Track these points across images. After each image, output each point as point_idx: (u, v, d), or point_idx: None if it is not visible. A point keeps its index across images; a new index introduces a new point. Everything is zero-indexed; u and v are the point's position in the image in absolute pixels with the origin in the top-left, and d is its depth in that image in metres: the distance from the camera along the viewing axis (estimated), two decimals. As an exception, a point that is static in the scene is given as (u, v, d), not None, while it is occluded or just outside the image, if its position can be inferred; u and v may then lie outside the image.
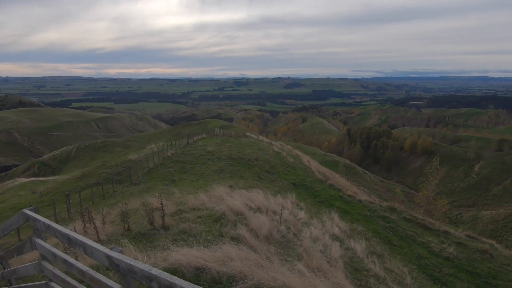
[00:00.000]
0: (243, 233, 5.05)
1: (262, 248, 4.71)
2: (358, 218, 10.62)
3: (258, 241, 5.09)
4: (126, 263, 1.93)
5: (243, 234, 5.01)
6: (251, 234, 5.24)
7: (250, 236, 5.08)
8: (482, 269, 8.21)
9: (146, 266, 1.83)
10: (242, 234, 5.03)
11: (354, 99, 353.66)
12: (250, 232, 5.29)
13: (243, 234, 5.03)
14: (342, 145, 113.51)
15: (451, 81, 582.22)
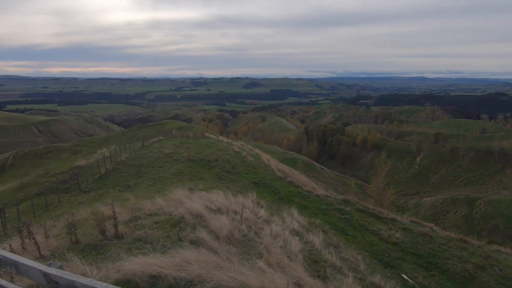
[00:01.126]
0: (203, 236, 4.96)
1: (223, 249, 4.67)
2: (316, 212, 11.09)
3: (219, 243, 5.04)
4: (66, 279, 1.76)
5: (202, 237, 4.91)
6: (211, 236, 5.17)
7: (210, 238, 5.01)
8: (424, 250, 9.12)
9: (89, 281, 1.69)
10: (202, 237, 4.94)
11: (310, 98, 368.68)
12: (210, 234, 5.21)
13: (203, 237, 4.94)
14: (300, 143, 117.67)
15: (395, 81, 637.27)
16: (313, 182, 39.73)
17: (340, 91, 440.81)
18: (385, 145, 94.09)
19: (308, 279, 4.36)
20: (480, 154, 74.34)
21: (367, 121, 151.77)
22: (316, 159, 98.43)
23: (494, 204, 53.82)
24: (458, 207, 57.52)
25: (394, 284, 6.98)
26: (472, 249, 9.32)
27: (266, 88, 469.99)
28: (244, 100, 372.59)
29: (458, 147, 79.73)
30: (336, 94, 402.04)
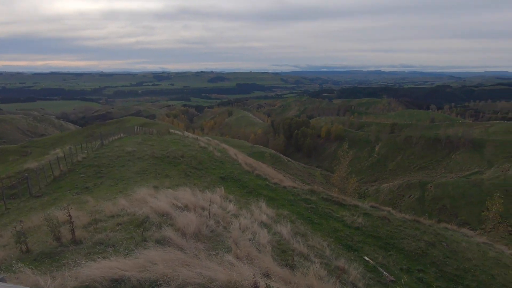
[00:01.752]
0: (169, 234, 4.83)
1: (190, 246, 4.60)
2: (284, 203, 11.35)
3: (186, 240, 4.95)
4: (11, 292, 1.60)
5: (169, 235, 4.78)
6: (178, 234, 5.05)
7: (176, 236, 4.89)
8: (382, 232, 9.80)
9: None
10: (168, 236, 4.80)
11: (276, 92, 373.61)
12: (176, 232, 5.09)
13: (169, 235, 4.81)
14: (267, 136, 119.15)
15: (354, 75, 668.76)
16: (281, 174, 40.58)
17: (304, 85, 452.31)
18: (347, 136, 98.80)
19: (276, 269, 4.46)
20: (430, 141, 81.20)
21: (330, 113, 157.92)
22: (283, 151, 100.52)
23: (442, 186, 59.29)
24: (412, 191, 62.53)
25: (357, 266, 7.41)
26: (424, 228, 10.21)
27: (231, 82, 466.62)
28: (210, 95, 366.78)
29: (411, 136, 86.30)
30: (300, 88, 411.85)
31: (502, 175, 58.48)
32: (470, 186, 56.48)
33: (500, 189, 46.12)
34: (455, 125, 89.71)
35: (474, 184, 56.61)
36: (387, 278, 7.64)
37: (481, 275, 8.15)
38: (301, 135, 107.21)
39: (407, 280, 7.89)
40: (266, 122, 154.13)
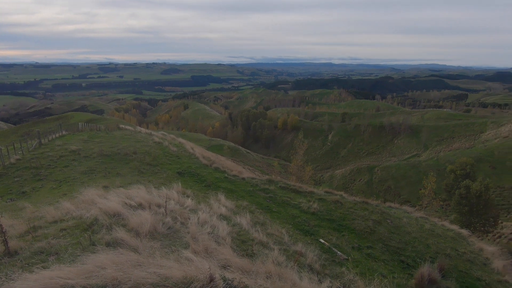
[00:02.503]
0: (121, 235, 4.55)
1: (145, 246, 4.40)
2: (243, 194, 11.44)
3: (140, 240, 4.72)
4: None
5: (121, 237, 4.51)
6: (131, 234, 4.79)
7: (129, 236, 4.64)
8: (336, 215, 10.46)
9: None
10: (120, 237, 4.53)
11: (232, 84, 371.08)
12: (129, 232, 4.82)
13: (121, 237, 4.54)
14: (225, 129, 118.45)
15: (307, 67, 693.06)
16: (240, 166, 40.79)
17: (260, 77, 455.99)
18: (302, 126, 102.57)
19: (236, 260, 4.49)
20: (376, 128, 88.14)
21: (286, 104, 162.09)
22: (241, 143, 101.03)
23: (386, 169, 65.02)
24: (362, 175, 67.61)
25: (314, 249, 7.81)
26: (371, 209, 11.13)
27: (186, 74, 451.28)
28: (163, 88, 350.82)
29: (360, 124, 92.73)
30: (256, 80, 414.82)
31: (435, 157, 66.03)
32: (409, 167, 62.82)
33: (434, 169, 52.13)
34: (396, 113, 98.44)
35: (413, 166, 63.07)
36: (340, 257, 8.20)
37: (419, 245, 9.18)
38: (259, 126, 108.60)
39: (358, 257, 8.56)
40: (224, 114, 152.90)
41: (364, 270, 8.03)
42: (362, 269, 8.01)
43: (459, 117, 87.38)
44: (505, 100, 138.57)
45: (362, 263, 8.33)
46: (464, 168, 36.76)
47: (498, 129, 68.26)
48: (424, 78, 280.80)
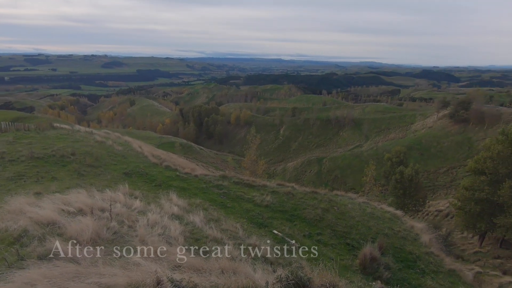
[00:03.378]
0: (57, 246, 4.11)
1: (86, 255, 4.04)
2: (196, 192, 11.21)
3: (81, 248, 4.32)
4: None
5: (56, 247, 4.07)
6: (69, 243, 4.35)
7: (67, 246, 4.21)
8: (288, 206, 10.87)
9: None
10: (56, 247, 4.08)
11: (182, 79, 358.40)
12: (67, 242, 4.38)
13: (57, 247, 4.09)
14: (177, 126, 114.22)
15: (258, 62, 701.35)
16: (193, 164, 39.83)
17: (211, 72, 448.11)
18: (255, 121, 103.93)
19: (189, 259, 4.39)
20: (323, 122, 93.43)
21: (238, 100, 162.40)
22: (194, 140, 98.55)
23: (334, 160, 69.50)
24: (312, 166, 71.29)
25: (267, 240, 8.03)
26: (320, 197, 11.82)
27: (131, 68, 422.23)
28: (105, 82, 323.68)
29: (309, 118, 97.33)
30: (207, 75, 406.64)
31: (375, 147, 72.54)
32: (353, 157, 68.03)
33: (374, 158, 57.25)
34: (341, 107, 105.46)
35: (356, 156, 68.43)
36: (293, 246, 8.57)
37: (362, 228, 10.05)
38: (212, 122, 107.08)
39: (309, 244, 9.04)
40: (175, 110, 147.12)
41: (315, 255, 8.54)
42: (312, 255, 8.50)
43: (394, 110, 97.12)
44: (429, 95, 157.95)
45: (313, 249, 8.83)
46: (398, 156, 41.06)
47: (424, 121, 77.57)
48: (364, 75, 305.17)
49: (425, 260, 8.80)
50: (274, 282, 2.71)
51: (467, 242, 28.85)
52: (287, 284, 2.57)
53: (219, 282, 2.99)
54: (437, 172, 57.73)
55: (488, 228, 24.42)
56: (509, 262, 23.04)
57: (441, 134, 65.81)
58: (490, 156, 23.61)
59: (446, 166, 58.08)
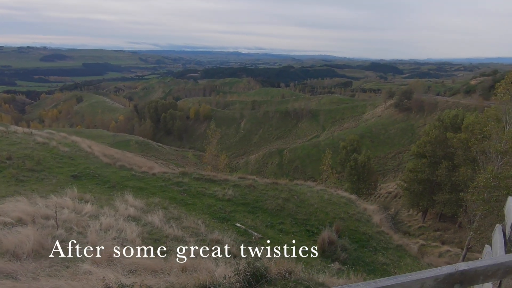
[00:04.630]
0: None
1: (27, 268, 3.66)
2: (154, 191, 10.77)
3: (21, 262, 3.89)
4: None
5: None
6: (5, 258, 3.90)
7: (4, 261, 3.77)
8: (250, 198, 10.99)
9: None
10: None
11: (135, 73, 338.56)
12: (3, 256, 3.92)
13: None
14: (132, 122, 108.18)
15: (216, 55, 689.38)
16: (152, 162, 38.15)
17: (166, 65, 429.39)
18: (215, 115, 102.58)
19: (146, 261, 4.21)
20: (282, 114, 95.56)
21: (196, 94, 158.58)
22: (152, 137, 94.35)
23: (294, 151, 71.70)
24: (273, 158, 72.80)
25: (230, 234, 8.03)
26: (281, 188, 12.13)
27: (76, 61, 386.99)
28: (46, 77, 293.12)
29: (268, 111, 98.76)
30: (163, 68, 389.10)
31: (331, 136, 76.28)
32: (312, 147, 70.83)
33: (331, 147, 60.28)
34: (299, 99, 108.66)
35: (314, 146, 71.34)
36: (256, 237, 8.71)
37: (320, 214, 10.57)
38: (170, 118, 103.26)
39: (271, 233, 9.26)
40: (129, 107, 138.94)
41: (277, 244, 8.78)
42: (275, 244, 8.73)
43: (347, 101, 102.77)
44: (378, 86, 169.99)
45: (275, 238, 9.07)
46: (352, 144, 43.73)
47: (374, 110, 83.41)
48: (319, 68, 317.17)
49: (377, 239, 9.57)
50: (231, 276, 2.71)
51: (413, 219, 32.06)
52: (245, 275, 2.60)
53: (176, 282, 2.91)
54: (386, 157, 62.79)
55: (429, 204, 27.32)
56: (446, 233, 26.15)
57: (388, 122, 71.44)
58: (429, 141, 26.30)
59: (394, 151, 63.41)
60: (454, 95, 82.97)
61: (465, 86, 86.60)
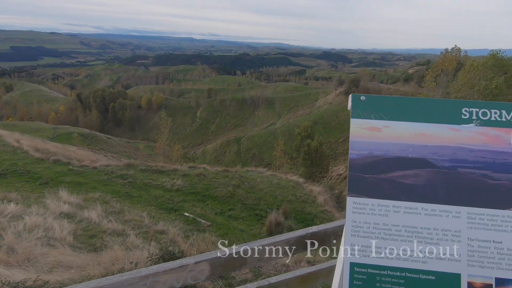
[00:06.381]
0: None
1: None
2: (95, 185, 10.10)
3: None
4: None
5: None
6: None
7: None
8: (200, 187, 10.90)
9: None
10: None
11: (77, 59, 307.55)
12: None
13: None
14: (75, 113, 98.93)
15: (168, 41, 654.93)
16: (100, 155, 35.55)
17: (113, 50, 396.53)
18: (169, 104, 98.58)
19: (73, 258, 3.98)
20: (239, 102, 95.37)
21: (148, 82, 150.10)
22: (100, 129, 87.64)
23: (251, 138, 72.43)
24: (231, 146, 72.78)
25: (178, 224, 7.94)
26: (231, 175, 12.23)
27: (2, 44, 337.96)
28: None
29: (225, 99, 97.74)
30: (109, 54, 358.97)
31: (286, 123, 78.44)
32: (268, 135, 72.19)
33: (286, 134, 62.09)
34: (255, 87, 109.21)
35: (271, 133, 72.79)
36: (205, 225, 8.73)
37: (269, 198, 10.93)
38: (119, 107, 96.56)
39: (221, 220, 9.36)
40: (71, 96, 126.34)
41: (226, 230, 8.92)
42: (224, 230, 8.86)
43: (301, 89, 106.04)
44: (329, 74, 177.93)
45: (224, 224, 9.19)
46: (306, 130, 45.53)
47: (325, 97, 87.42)
48: (274, 56, 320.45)
49: (320, 217, 10.25)
50: (146, 261, 2.70)
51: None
52: (157, 259, 2.61)
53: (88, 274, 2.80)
54: (337, 142, 66.75)
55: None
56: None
57: (339, 108, 75.60)
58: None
59: (344, 136, 67.60)
60: (395, 83, 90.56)
61: (404, 75, 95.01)
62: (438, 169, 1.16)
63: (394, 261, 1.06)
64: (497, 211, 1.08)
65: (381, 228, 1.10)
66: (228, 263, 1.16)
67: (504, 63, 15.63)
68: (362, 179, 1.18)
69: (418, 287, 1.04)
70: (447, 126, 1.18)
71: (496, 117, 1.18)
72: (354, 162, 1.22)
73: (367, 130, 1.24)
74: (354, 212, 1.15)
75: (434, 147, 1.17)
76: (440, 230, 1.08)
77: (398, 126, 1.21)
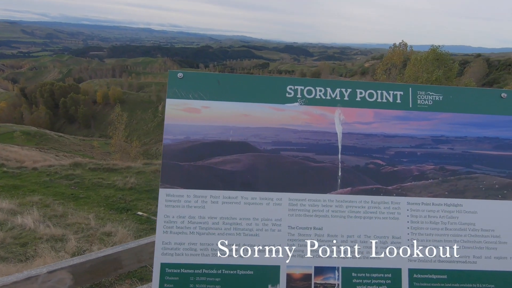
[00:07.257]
0: None
1: None
2: (35, 188, 9.23)
3: None
4: None
5: None
6: None
7: None
8: (156, 185, 10.49)
9: None
10: None
11: (19, 49, 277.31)
12: None
13: None
14: (19, 110, 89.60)
15: (124, 31, 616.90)
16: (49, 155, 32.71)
17: (61, 40, 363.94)
18: (128, 99, 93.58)
19: None
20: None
21: (104, 75, 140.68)
22: (50, 126, 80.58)
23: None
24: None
25: (129, 224, 7.56)
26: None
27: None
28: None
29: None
30: (57, 44, 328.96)
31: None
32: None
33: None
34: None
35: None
36: (159, 223, 8.42)
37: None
38: (72, 103, 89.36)
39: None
40: (13, 90, 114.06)
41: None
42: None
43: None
44: (292, 68, 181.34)
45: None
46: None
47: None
48: (238, 49, 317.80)
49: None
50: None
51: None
52: None
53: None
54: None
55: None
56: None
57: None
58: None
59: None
60: (353, 76, 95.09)
61: (361, 68, 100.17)
62: (260, 152, 1.10)
63: (209, 258, 1.00)
64: (319, 196, 1.05)
65: (197, 222, 1.03)
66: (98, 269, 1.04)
67: (443, 57, 17.14)
68: (177, 167, 1.08)
69: (235, 285, 0.99)
70: (271, 105, 1.12)
71: (321, 95, 1.13)
72: (169, 148, 1.12)
73: (184, 112, 1.14)
74: (167, 206, 1.06)
75: (256, 129, 1.10)
76: (260, 220, 1.02)
77: (219, 107, 1.11)
